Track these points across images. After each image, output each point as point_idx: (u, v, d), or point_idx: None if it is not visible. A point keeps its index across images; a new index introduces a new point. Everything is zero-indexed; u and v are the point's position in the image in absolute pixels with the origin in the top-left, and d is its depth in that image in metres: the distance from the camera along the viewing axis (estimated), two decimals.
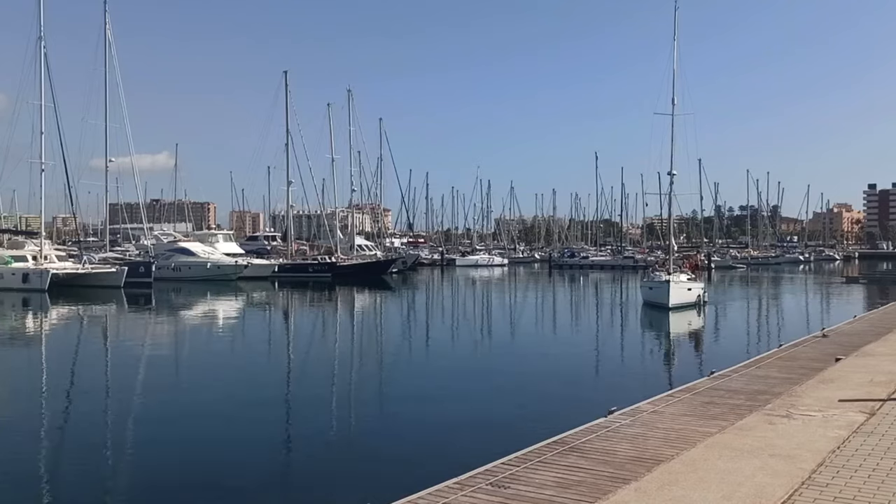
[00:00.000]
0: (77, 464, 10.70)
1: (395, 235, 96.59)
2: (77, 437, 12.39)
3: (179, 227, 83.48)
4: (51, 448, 11.66)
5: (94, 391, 16.59)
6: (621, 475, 7.10)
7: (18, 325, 31.29)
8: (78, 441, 12.04)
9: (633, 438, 8.54)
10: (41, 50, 48.56)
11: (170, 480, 9.85)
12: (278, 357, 22.73)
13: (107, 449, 11.48)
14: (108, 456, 11.09)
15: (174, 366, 20.89)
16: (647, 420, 9.49)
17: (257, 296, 46.05)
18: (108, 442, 11.94)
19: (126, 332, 29.64)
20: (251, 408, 14.31)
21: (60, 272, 45.64)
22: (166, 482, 9.77)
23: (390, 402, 15.42)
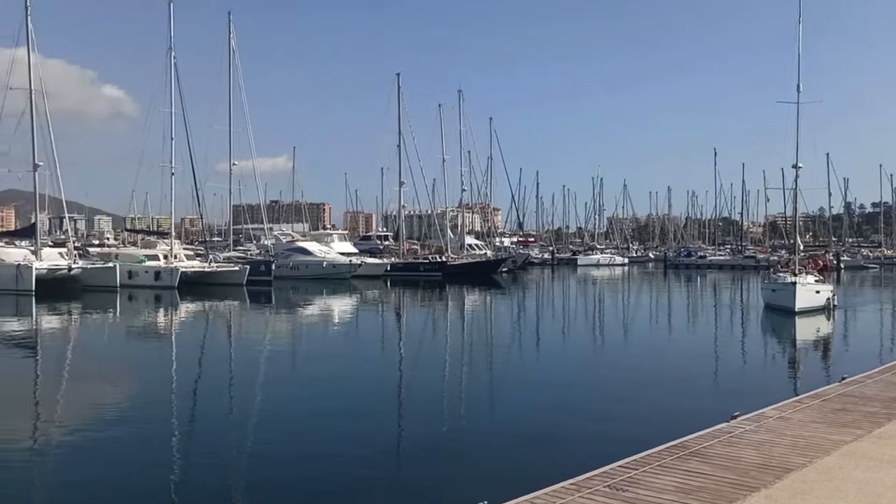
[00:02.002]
0: (201, 451, 11.26)
1: (504, 234, 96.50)
2: (203, 425, 13.04)
3: (297, 227, 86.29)
4: (180, 435, 12.29)
5: (220, 382, 17.40)
6: (747, 482, 6.80)
7: (152, 320, 33.29)
8: (204, 428, 12.67)
9: (759, 445, 8.17)
10: (171, 60, 51.37)
11: (287, 474, 10.13)
12: (391, 354, 23.15)
13: (228, 440, 11.98)
14: (230, 447, 11.56)
15: (293, 360, 21.65)
16: (773, 426, 9.06)
17: (370, 294, 47.05)
18: (231, 433, 12.47)
19: (249, 327, 30.94)
20: (365, 403, 14.63)
21: (189, 270, 48.05)
22: (282, 475, 10.08)
23: (502, 401, 15.38)
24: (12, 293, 39.82)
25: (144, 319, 33.63)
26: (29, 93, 45.34)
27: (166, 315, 35.00)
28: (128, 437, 11.92)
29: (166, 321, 32.61)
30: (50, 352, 23.39)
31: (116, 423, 12.96)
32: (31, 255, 44.94)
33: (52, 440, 11.84)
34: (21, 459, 10.84)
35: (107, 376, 18.30)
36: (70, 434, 12.08)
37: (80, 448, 11.32)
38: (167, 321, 32.58)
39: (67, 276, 44.02)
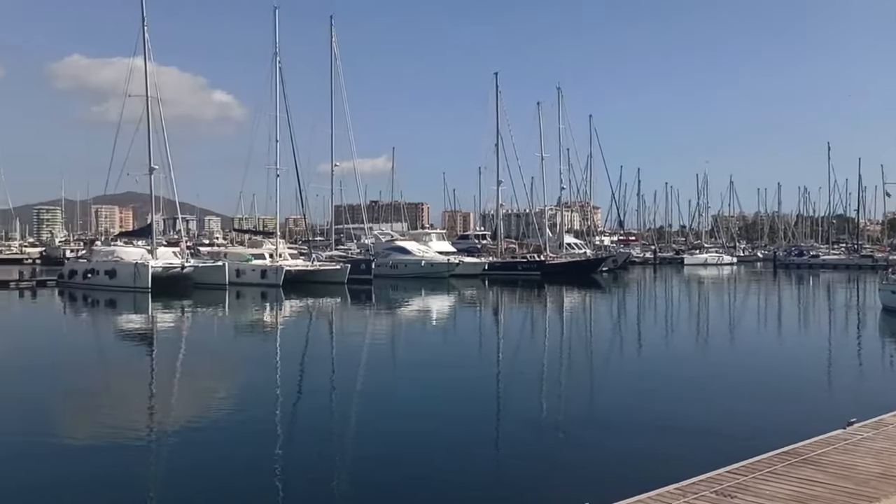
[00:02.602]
0: (304, 446, 11.57)
1: (604, 233, 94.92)
2: (307, 420, 13.40)
3: (396, 226, 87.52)
4: (284, 429, 12.68)
5: (324, 378, 17.86)
6: (865, 493, 6.43)
7: (259, 317, 34.51)
8: (308, 423, 13.02)
9: (879, 453, 7.71)
10: (276, 65, 53.07)
11: (387, 471, 10.25)
12: (489, 354, 23.12)
13: (331, 435, 12.26)
14: (333, 442, 11.84)
15: (394, 358, 21.94)
16: (893, 434, 8.53)
17: (468, 293, 47.19)
18: (333, 429, 12.77)
19: (351, 324, 31.60)
20: (465, 403, 14.66)
21: (293, 269, 49.50)
22: (382, 472, 10.22)
23: (603, 403, 15.10)
24: (130, 290, 42.12)
25: (251, 316, 34.90)
26: (146, 100, 47.86)
27: (272, 312, 36.17)
28: (234, 429, 12.40)
29: (272, 318, 33.71)
30: (165, 346, 24.60)
31: (224, 414, 13.50)
32: (148, 254, 47.39)
33: (164, 429, 12.45)
34: (134, 448, 11.42)
35: (216, 370, 19.10)
36: (180, 425, 12.67)
37: (189, 438, 11.84)
38: (273, 318, 33.68)
39: (180, 274, 46.19)
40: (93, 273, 46.65)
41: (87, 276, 46.86)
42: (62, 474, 9.90)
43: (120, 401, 15.14)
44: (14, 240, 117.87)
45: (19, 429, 12.45)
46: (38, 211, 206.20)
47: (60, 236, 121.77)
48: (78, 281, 47.17)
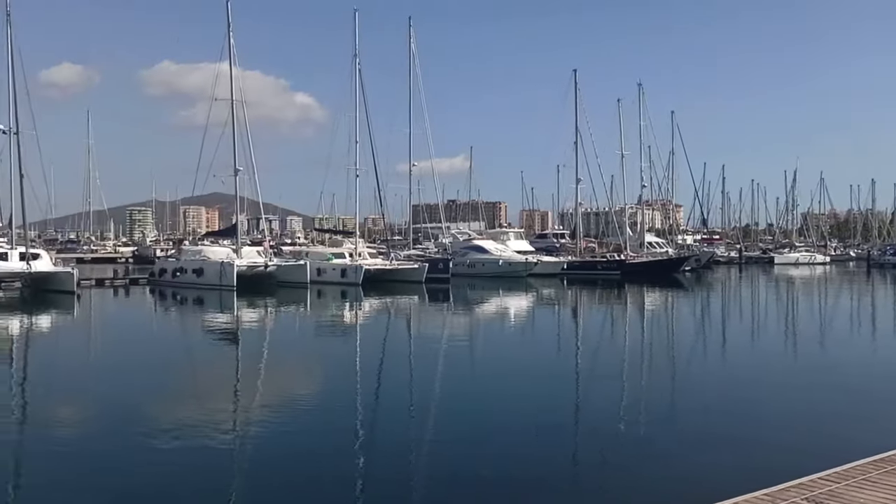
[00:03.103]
0: (383, 442, 11.69)
1: (687, 232, 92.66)
2: (387, 417, 13.53)
3: (474, 225, 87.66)
4: (363, 424, 12.85)
5: (402, 375, 18.03)
6: None
7: (339, 314, 35.11)
8: (387, 420, 13.15)
9: None
10: (356, 67, 53.89)
11: (464, 470, 10.27)
12: (567, 354, 22.86)
13: (409, 432, 12.35)
14: (410, 439, 11.91)
15: (472, 357, 21.96)
16: None
17: (546, 293, 46.84)
18: (412, 426, 12.85)
19: (429, 323, 31.81)
20: (542, 404, 14.51)
21: (371, 268, 50.17)
22: (459, 470, 10.23)
23: (686, 405, 14.71)
24: (217, 288, 43.49)
25: (332, 314, 35.53)
26: (231, 103, 49.35)
27: (352, 310, 36.73)
28: (316, 425, 12.64)
29: (352, 316, 34.23)
30: (250, 342, 25.31)
31: (306, 410, 13.80)
32: (233, 253, 48.84)
33: (250, 422, 12.79)
34: (221, 440, 11.77)
35: (300, 366, 19.52)
36: (265, 419, 13.00)
37: (273, 432, 12.11)
38: (353, 316, 34.19)
39: (264, 272, 47.44)
40: (181, 272, 48.41)
41: (176, 274, 48.66)
42: (152, 466, 10.29)
43: (208, 395, 15.64)
44: (109, 240, 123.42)
45: (114, 421, 13.00)
46: (130, 212, 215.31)
47: (151, 236, 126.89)
48: (167, 279, 49.02)
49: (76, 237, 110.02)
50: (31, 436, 12.33)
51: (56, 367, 19.80)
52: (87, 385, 16.81)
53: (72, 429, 12.64)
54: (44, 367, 20.01)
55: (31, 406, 14.94)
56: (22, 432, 12.59)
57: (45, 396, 15.55)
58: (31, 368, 20.35)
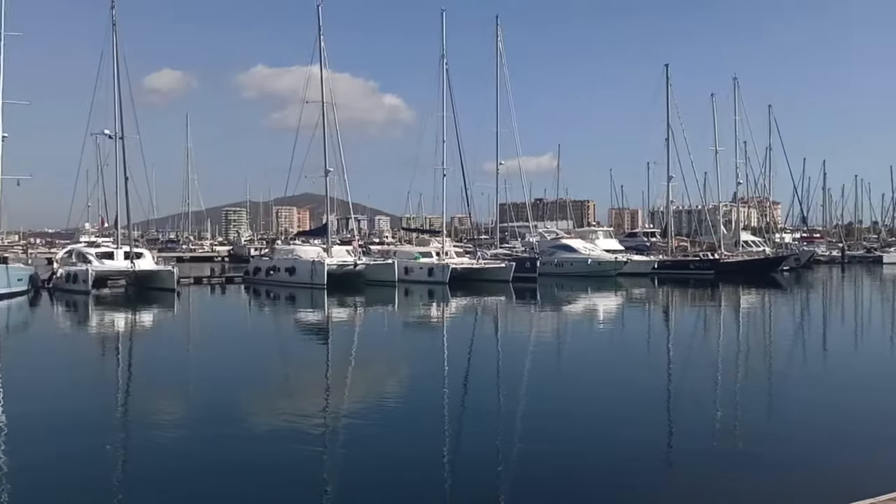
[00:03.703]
0: (466, 440, 11.61)
1: (785, 230, 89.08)
2: (471, 415, 13.44)
3: (561, 224, 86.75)
4: (448, 423, 12.81)
5: (489, 375, 17.88)
6: None
7: (426, 313, 35.31)
8: (471, 418, 13.07)
9: None
10: (443, 67, 54.14)
11: (547, 472, 10.08)
12: (659, 356, 22.20)
13: (494, 431, 12.22)
14: (495, 438, 11.79)
15: (559, 357, 21.70)
16: None
17: (637, 292, 45.87)
18: (498, 426, 12.72)
19: (516, 322, 31.65)
20: (633, 407, 14.14)
21: (458, 267, 50.24)
22: (542, 472, 10.05)
23: (785, 412, 14.03)
24: (308, 286, 44.47)
25: (420, 312, 35.76)
26: (321, 105, 50.39)
27: (439, 309, 36.88)
28: (402, 421, 12.69)
29: (439, 314, 34.35)
30: (340, 339, 25.75)
31: (393, 407, 13.84)
32: (324, 252, 49.83)
33: (339, 417, 12.94)
34: (311, 433, 11.94)
35: (387, 363, 19.67)
36: (353, 414, 13.14)
37: (361, 428, 12.20)
38: (440, 314, 34.31)
39: (353, 271, 48.24)
40: (274, 270, 49.74)
41: (270, 273, 50.02)
42: (246, 457, 10.55)
43: (299, 390, 15.97)
44: (206, 239, 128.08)
45: (210, 412, 13.46)
46: (226, 212, 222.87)
47: (246, 236, 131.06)
48: (261, 277, 50.44)
49: (176, 237, 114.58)
50: (135, 425, 12.83)
51: (159, 360, 20.62)
52: (187, 378, 17.49)
53: (172, 419, 13.09)
54: (148, 361, 20.88)
55: (135, 398, 15.59)
56: (126, 422, 13.13)
57: (149, 388, 16.22)
58: (136, 362, 21.28)
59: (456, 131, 54.35)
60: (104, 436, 11.63)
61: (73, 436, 11.76)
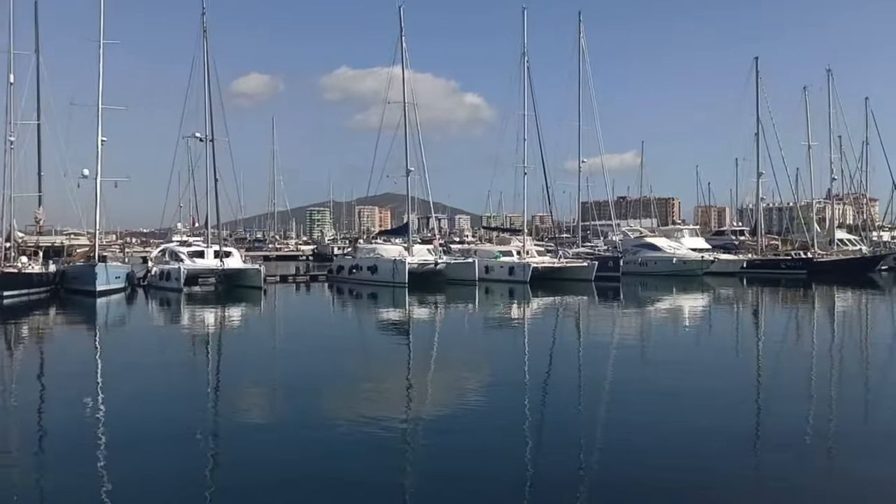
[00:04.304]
0: (549, 440, 11.46)
1: (884, 228, 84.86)
2: (554, 416, 13.29)
3: (645, 222, 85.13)
4: (532, 422, 12.69)
5: (571, 374, 17.67)
6: None
7: (507, 312, 35.18)
8: (554, 419, 12.91)
9: None
10: (524, 65, 53.86)
11: (639, 480, 9.86)
12: (747, 360, 21.25)
13: (578, 433, 12.03)
14: (579, 439, 11.60)
15: (643, 358, 21.21)
16: None
17: (724, 292, 44.51)
18: (581, 427, 12.52)
19: (598, 322, 31.16)
20: (719, 415, 13.68)
21: (539, 266, 49.92)
22: (630, 475, 9.83)
23: (883, 423, 13.33)
24: (390, 285, 44.99)
25: (500, 311, 35.66)
26: (403, 106, 50.87)
27: (519, 308, 36.68)
28: (481, 420, 12.60)
29: (520, 313, 34.16)
30: (421, 337, 25.89)
31: (473, 406, 13.78)
32: (405, 251, 50.29)
33: (419, 414, 13.01)
34: (390, 430, 12.02)
35: (467, 361, 19.62)
36: (433, 412, 13.20)
37: (441, 426, 12.23)
38: (521, 313, 34.12)
39: (434, 270, 48.55)
40: (357, 269, 50.53)
41: (352, 271, 50.86)
42: (325, 451, 10.73)
43: (382, 386, 16.09)
44: (291, 238, 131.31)
45: (294, 408, 13.72)
46: (310, 212, 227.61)
47: (329, 235, 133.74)
48: (344, 276, 51.33)
49: (262, 236, 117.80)
50: (224, 415, 13.24)
51: (247, 355, 21.27)
52: (273, 373, 17.91)
53: (257, 414, 13.44)
54: (236, 356, 21.58)
55: (224, 392, 16.07)
56: (217, 414, 13.58)
57: (237, 383, 16.75)
58: (225, 357, 21.96)
59: (537, 129, 54.10)
60: (193, 430, 12.05)
61: (165, 435, 12.17)
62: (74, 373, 17.81)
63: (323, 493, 9.19)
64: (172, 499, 8.96)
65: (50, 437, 11.98)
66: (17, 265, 38.24)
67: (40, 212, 44.42)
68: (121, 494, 8.94)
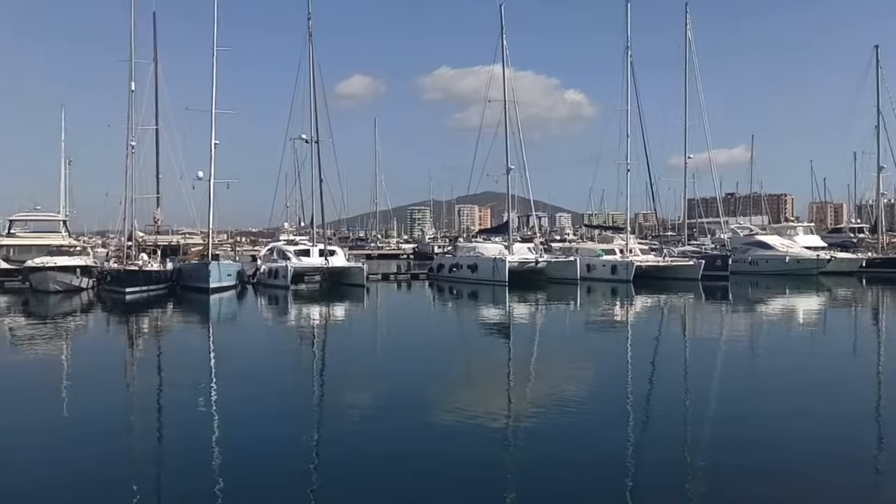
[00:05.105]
0: (653, 444, 11.15)
1: None
2: (659, 420, 12.93)
3: (755, 220, 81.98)
4: (634, 426, 12.40)
5: (676, 377, 17.16)
6: None
7: (610, 311, 34.55)
8: (659, 424, 12.57)
9: None
10: (627, 60, 52.77)
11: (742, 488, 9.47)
12: (868, 365, 20.07)
13: (685, 433, 11.68)
14: (686, 439, 11.25)
15: (752, 363, 20.33)
16: None
17: (841, 293, 42.25)
18: (688, 427, 12.15)
19: (704, 323, 30.22)
20: (836, 426, 12.97)
21: (643, 265, 48.87)
22: (735, 484, 9.45)
23: None
24: (490, 283, 45.01)
25: (603, 311, 35.04)
26: (503, 104, 50.79)
27: (622, 307, 35.97)
28: (584, 422, 12.38)
29: (623, 313, 33.49)
30: (522, 336, 25.80)
31: (574, 408, 13.53)
32: (505, 249, 50.18)
33: (519, 414, 12.92)
34: (489, 431, 12.01)
35: (568, 362, 19.38)
36: (534, 412, 13.07)
37: (541, 427, 12.11)
38: (623, 313, 33.45)
39: (534, 268, 48.22)
40: (457, 267, 50.78)
41: (453, 270, 51.14)
42: (428, 449, 10.83)
43: (482, 384, 16.15)
44: (392, 237, 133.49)
45: (397, 401, 14.00)
46: (411, 211, 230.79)
47: (429, 234, 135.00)
48: (445, 274, 51.70)
49: (364, 235, 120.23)
50: (329, 409, 13.59)
51: (351, 351, 21.86)
52: (376, 369, 18.31)
53: (359, 410, 13.70)
54: (341, 352, 22.17)
55: (330, 387, 16.49)
56: (322, 408, 13.96)
57: (342, 378, 17.17)
58: (330, 352, 22.57)
59: (641, 124, 52.98)
60: (301, 425, 12.42)
61: (273, 424, 12.59)
62: (190, 362, 19.08)
63: (427, 489, 9.27)
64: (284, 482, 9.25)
65: (170, 419, 12.88)
66: (138, 263, 40.42)
67: (158, 212, 46.78)
68: (236, 475, 9.31)
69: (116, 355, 21.57)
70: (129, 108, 42.59)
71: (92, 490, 9.19)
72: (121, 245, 45.12)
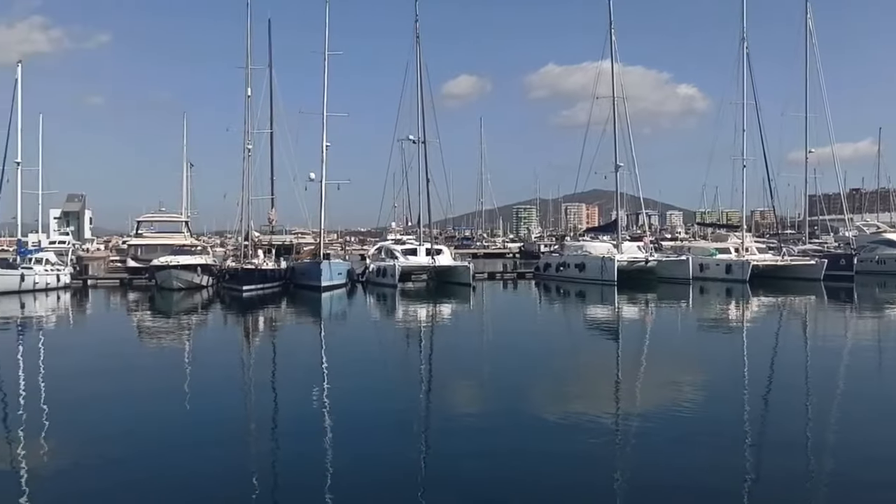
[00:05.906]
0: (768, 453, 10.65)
1: None
2: (778, 431, 12.33)
3: (882, 216, 77.31)
4: (751, 434, 11.85)
5: (798, 384, 16.33)
6: None
7: (725, 312, 33.36)
8: (777, 434, 11.99)
9: None
10: (743, 51, 50.75)
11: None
12: None
13: (806, 454, 11.11)
14: (804, 461, 10.70)
15: (881, 370, 19.13)
16: None
17: None
18: (813, 435, 11.55)
19: (826, 326, 28.68)
20: None
21: (760, 264, 46.88)
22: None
23: None
24: (598, 283, 44.29)
25: (717, 312, 33.86)
26: (612, 100, 49.82)
27: (738, 308, 34.64)
28: (698, 431, 11.93)
29: (738, 314, 32.24)
30: (631, 337, 25.27)
31: (688, 414, 13.10)
32: (614, 248, 49.26)
33: (625, 415, 12.64)
34: (600, 430, 11.80)
35: (680, 366, 18.78)
36: (640, 413, 12.78)
37: (653, 434, 11.78)
38: (739, 315, 32.19)
39: (644, 267, 47.10)
40: (564, 266, 50.23)
41: (560, 269, 50.65)
42: (539, 447, 10.75)
43: (590, 386, 15.92)
44: (498, 236, 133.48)
45: (503, 398, 14.02)
46: (516, 210, 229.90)
47: (535, 232, 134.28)
48: (551, 273, 51.25)
49: (470, 234, 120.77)
50: (436, 408, 13.76)
51: (458, 348, 22.13)
52: (483, 367, 18.41)
53: (465, 406, 13.80)
54: (449, 349, 22.39)
55: (437, 382, 16.69)
56: (429, 406, 14.17)
57: (448, 374, 17.29)
58: (437, 349, 22.83)
59: (757, 119, 50.96)
60: (408, 419, 12.65)
61: (381, 421, 12.84)
62: (305, 358, 19.92)
63: (529, 493, 9.22)
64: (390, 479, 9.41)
65: (284, 411, 13.43)
66: (254, 262, 42.11)
67: (273, 213, 48.59)
68: (343, 469, 9.55)
69: (234, 351, 22.64)
70: (245, 112, 44.35)
71: (210, 482, 9.66)
72: (238, 244, 47.10)
